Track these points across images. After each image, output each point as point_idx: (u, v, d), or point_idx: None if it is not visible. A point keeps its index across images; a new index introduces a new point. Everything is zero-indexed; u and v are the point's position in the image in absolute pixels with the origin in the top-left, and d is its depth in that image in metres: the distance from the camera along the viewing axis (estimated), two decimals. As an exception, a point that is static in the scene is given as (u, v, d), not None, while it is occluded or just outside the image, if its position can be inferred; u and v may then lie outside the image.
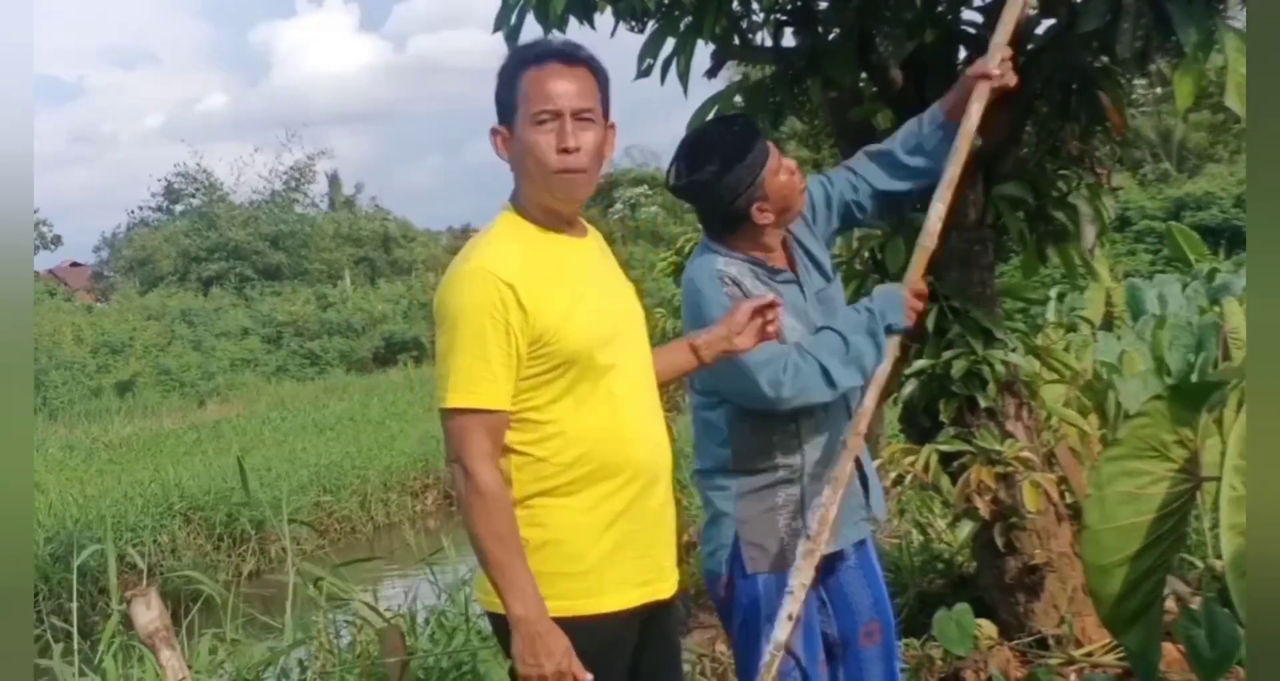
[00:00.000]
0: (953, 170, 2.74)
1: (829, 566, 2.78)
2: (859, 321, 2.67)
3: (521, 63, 2.13)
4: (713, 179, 2.68)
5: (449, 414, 2.06)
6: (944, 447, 3.83)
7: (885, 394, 3.90)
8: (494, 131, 2.17)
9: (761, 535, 2.71)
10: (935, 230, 2.72)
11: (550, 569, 2.09)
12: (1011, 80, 2.78)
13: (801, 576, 2.57)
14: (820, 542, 2.58)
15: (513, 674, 2.12)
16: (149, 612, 3.33)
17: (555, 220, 2.19)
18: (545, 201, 2.17)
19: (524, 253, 2.12)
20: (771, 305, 2.44)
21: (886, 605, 2.87)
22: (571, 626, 2.07)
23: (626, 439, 2.16)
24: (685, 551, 6.09)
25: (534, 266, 2.10)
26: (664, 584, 2.23)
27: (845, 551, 2.80)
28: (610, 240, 2.42)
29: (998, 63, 2.77)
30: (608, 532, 2.14)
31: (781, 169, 2.71)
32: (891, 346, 2.69)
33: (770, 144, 2.74)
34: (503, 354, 2.04)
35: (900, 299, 2.67)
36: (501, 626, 2.11)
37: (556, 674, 2.02)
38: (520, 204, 2.19)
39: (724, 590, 2.77)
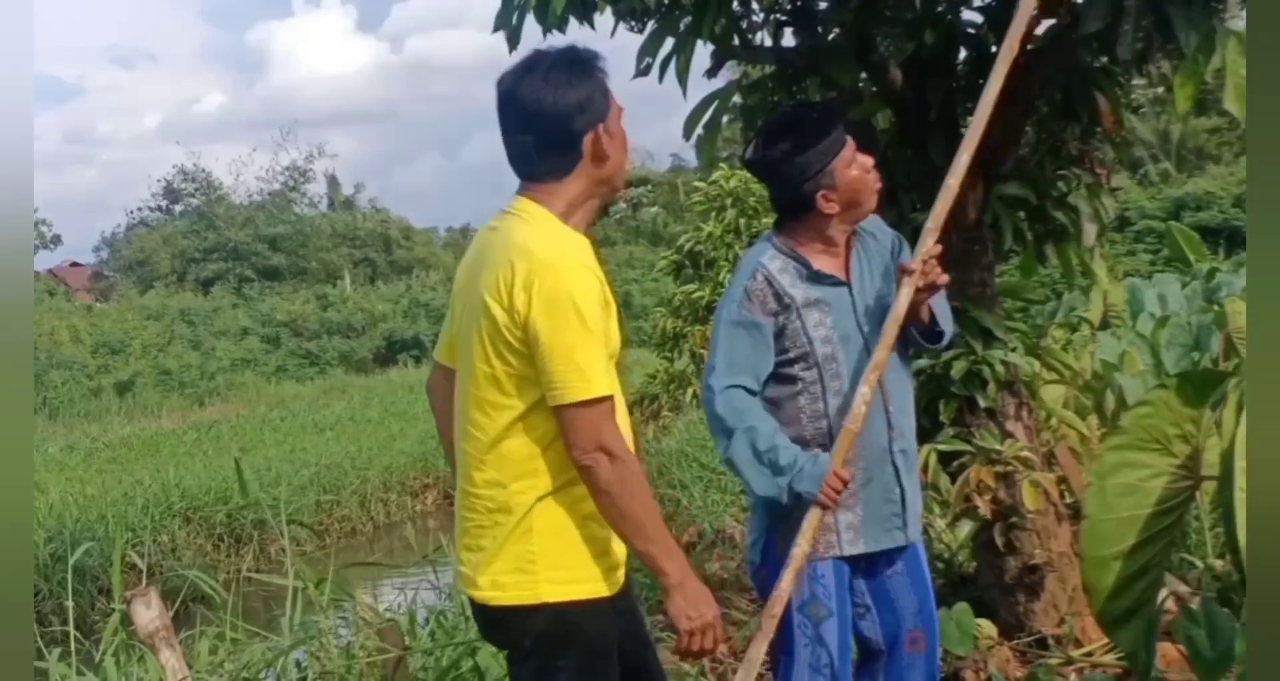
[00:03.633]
0: (879, 354, 2.69)
1: (871, 570, 2.80)
2: (779, 461, 2.65)
3: (598, 67, 2.26)
4: (783, 158, 2.71)
5: (586, 405, 2.12)
6: (944, 447, 3.83)
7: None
8: (591, 130, 2.23)
9: (793, 524, 2.73)
10: (860, 414, 2.66)
11: (593, 551, 2.22)
12: (940, 279, 2.73)
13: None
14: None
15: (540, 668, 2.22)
16: (149, 612, 3.34)
17: (587, 223, 2.31)
18: (613, 188, 2.32)
19: (592, 253, 2.26)
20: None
21: (932, 614, 2.85)
22: (596, 611, 2.21)
23: (628, 423, 2.29)
24: (686, 550, 6.10)
25: (598, 266, 2.25)
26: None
27: (892, 557, 2.80)
28: (610, 241, 2.51)
29: (921, 259, 2.72)
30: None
31: (855, 164, 2.72)
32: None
33: (849, 138, 2.74)
34: (605, 345, 2.18)
35: (823, 476, 2.63)
36: (565, 616, 2.20)
37: (714, 622, 2.21)
38: (566, 211, 2.26)
39: (760, 579, 2.82)
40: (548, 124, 2.19)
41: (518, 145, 2.24)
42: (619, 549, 2.28)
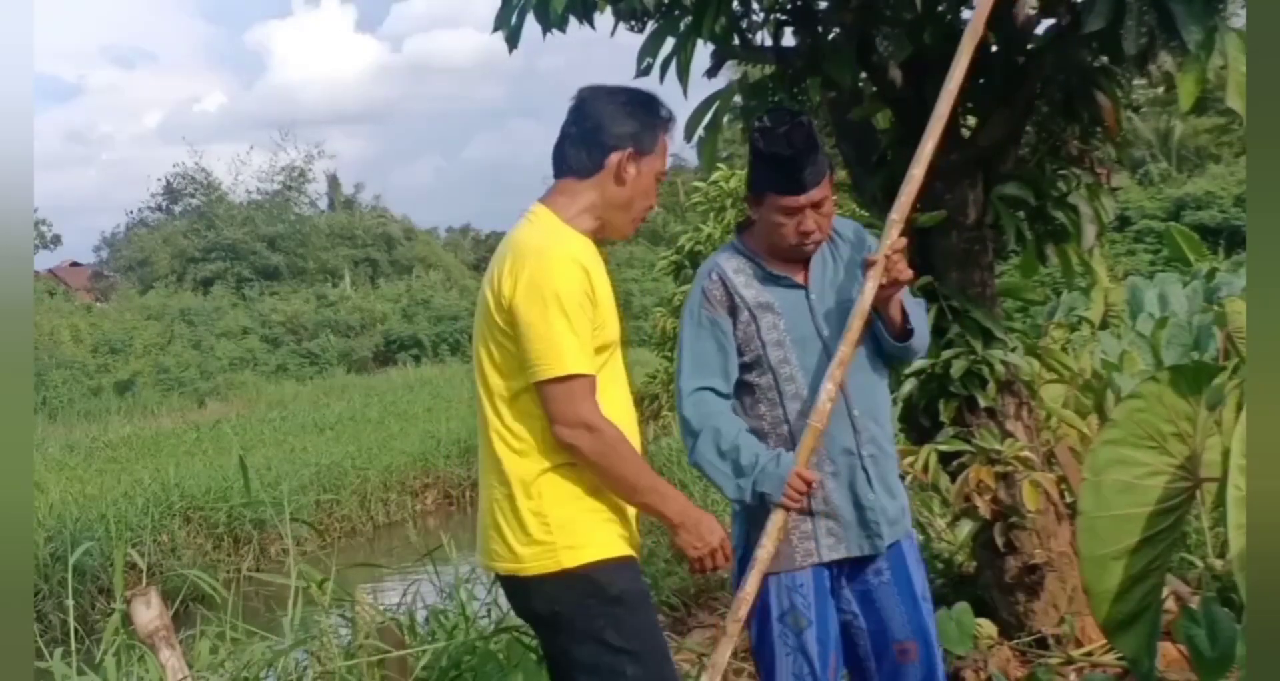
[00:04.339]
0: (844, 350, 2.65)
1: (858, 579, 2.75)
2: (740, 461, 2.64)
3: (662, 119, 2.46)
4: (751, 156, 2.71)
5: (560, 381, 2.28)
6: (944, 448, 3.83)
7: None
8: (622, 150, 2.39)
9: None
10: (825, 411, 2.62)
11: (601, 517, 2.36)
12: (904, 274, 2.65)
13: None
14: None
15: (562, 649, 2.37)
16: (149, 612, 3.34)
17: (599, 235, 2.48)
18: (620, 225, 2.47)
19: (589, 250, 2.41)
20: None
21: (924, 625, 2.77)
22: (621, 567, 2.36)
23: (633, 418, 2.49)
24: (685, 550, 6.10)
25: (593, 262, 2.38)
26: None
27: (878, 566, 2.75)
28: (610, 240, 2.59)
29: (884, 252, 2.65)
30: None
31: (784, 214, 2.64)
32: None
33: (802, 194, 2.61)
34: (589, 331, 2.32)
35: (784, 477, 2.61)
36: (589, 577, 2.32)
37: (720, 545, 2.41)
38: (574, 217, 2.41)
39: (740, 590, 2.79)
40: (590, 124, 2.40)
41: (561, 136, 2.45)
42: (627, 523, 2.42)
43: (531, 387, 2.31)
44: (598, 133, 2.39)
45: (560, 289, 2.26)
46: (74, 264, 42.51)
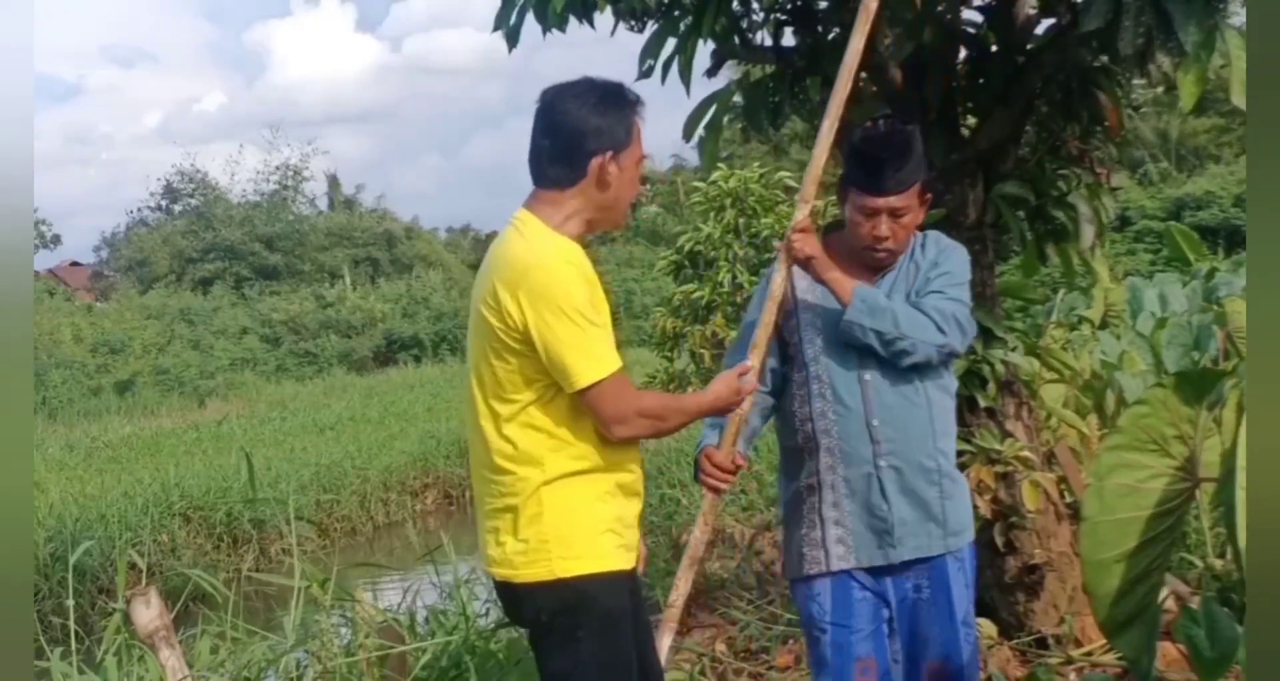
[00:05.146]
0: (758, 333, 2.68)
1: (898, 591, 2.73)
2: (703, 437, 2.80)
3: (630, 104, 2.42)
4: (845, 149, 2.73)
5: (605, 382, 2.29)
6: (944, 447, 3.83)
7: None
8: (601, 154, 2.36)
9: (789, 540, 2.81)
10: (750, 389, 2.61)
11: (602, 527, 2.35)
12: (798, 252, 2.66)
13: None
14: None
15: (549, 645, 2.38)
16: (149, 612, 3.34)
17: (588, 234, 2.47)
18: (611, 220, 2.48)
19: (582, 255, 2.38)
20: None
21: (960, 647, 2.72)
22: (613, 582, 2.34)
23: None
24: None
25: (587, 267, 2.38)
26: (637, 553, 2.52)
27: (919, 582, 2.72)
28: (610, 240, 2.59)
29: (789, 232, 2.70)
30: (628, 501, 2.43)
31: (862, 214, 2.66)
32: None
33: (879, 197, 2.62)
34: (605, 327, 2.33)
35: (698, 466, 2.76)
36: (579, 590, 2.32)
37: (741, 389, 2.54)
38: (562, 224, 2.38)
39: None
40: (564, 134, 2.35)
41: (536, 149, 2.40)
42: (628, 530, 2.41)
43: (539, 400, 2.32)
44: (574, 141, 2.35)
45: (573, 294, 2.27)
46: (74, 264, 42.50)
